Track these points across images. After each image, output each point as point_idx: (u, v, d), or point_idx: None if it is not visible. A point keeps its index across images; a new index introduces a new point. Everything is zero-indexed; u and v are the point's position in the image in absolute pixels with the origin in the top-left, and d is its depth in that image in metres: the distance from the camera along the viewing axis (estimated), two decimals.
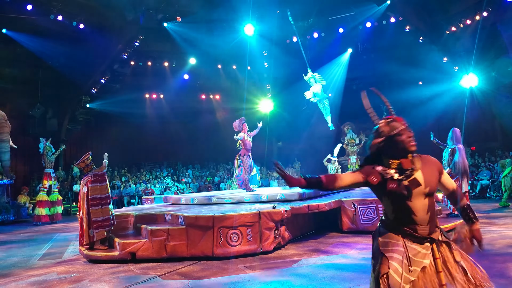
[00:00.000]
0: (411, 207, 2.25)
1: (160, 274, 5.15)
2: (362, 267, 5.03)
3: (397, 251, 2.26)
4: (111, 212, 6.64)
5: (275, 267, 5.25)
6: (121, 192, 17.15)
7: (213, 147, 21.87)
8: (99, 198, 6.50)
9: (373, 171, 2.32)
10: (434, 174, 2.34)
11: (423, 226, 2.26)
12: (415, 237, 2.27)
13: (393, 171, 2.28)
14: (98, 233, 6.39)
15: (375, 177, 2.29)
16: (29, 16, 14.85)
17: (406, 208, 2.25)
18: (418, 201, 2.25)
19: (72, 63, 16.63)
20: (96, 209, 6.44)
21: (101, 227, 6.43)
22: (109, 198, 6.68)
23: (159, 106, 21.86)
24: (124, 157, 19.99)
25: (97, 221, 6.41)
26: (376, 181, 2.28)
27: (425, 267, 2.24)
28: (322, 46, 19.27)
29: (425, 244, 2.27)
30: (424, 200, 2.26)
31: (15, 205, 14.16)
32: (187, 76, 20.65)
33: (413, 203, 2.25)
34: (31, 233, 10.44)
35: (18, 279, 5.26)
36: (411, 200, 2.24)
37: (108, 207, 6.60)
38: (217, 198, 8.52)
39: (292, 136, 21.30)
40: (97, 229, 6.39)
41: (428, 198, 2.27)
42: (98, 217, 6.42)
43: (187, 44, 18.39)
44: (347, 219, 7.77)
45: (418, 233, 2.26)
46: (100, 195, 6.52)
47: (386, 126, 2.38)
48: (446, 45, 17.20)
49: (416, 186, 2.25)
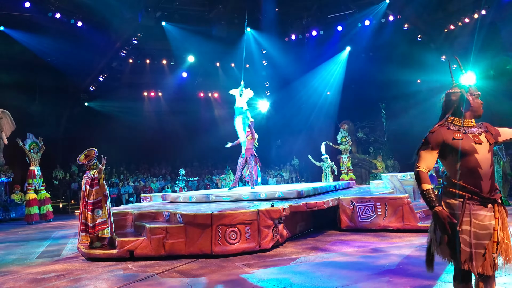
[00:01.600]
0: (478, 160, 2.48)
1: (158, 272, 5.15)
2: (361, 265, 5.05)
3: (466, 222, 2.47)
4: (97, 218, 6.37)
5: (273, 265, 5.26)
6: (120, 190, 17.14)
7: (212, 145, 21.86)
8: (86, 202, 6.43)
9: (448, 131, 2.58)
10: (495, 133, 2.65)
11: (486, 181, 2.48)
12: (480, 197, 2.48)
13: (472, 129, 2.59)
14: (82, 237, 6.35)
15: (457, 133, 2.55)
16: (27, 14, 14.81)
17: (474, 161, 2.48)
18: (483, 155, 2.50)
19: (70, 61, 16.59)
20: (84, 211, 6.41)
21: (85, 231, 6.33)
22: (99, 203, 6.43)
23: (157, 104, 21.86)
24: (123, 155, 19.97)
25: (83, 223, 6.38)
26: (460, 137, 2.53)
27: (494, 229, 2.48)
28: (320, 44, 19.27)
29: (488, 206, 2.50)
30: (488, 154, 2.52)
31: (13, 203, 14.14)
32: (185, 74, 20.64)
33: (480, 156, 2.49)
34: (29, 231, 10.43)
35: (16, 277, 5.25)
36: (479, 153, 2.49)
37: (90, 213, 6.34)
38: (216, 196, 8.52)
39: (291, 134, 21.32)
40: (83, 233, 6.35)
41: (490, 153, 2.55)
42: (84, 220, 6.38)
43: (186, 42, 18.37)
44: (345, 217, 7.78)
45: (483, 192, 2.48)
46: (87, 199, 6.42)
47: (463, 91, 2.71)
48: (445, 44, 17.22)
49: (484, 141, 2.54)
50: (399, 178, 9.92)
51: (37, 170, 12.73)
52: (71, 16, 15.72)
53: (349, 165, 15.11)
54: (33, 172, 12.61)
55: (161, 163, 21.77)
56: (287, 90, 21.06)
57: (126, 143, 20.62)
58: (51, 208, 13.04)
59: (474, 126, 2.63)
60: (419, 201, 9.53)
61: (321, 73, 20.65)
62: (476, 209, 2.47)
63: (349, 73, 19.75)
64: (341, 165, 15.34)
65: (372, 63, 18.67)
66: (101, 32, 16.59)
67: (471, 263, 2.43)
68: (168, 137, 21.68)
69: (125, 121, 20.46)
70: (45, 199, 12.81)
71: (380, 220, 7.51)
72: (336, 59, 19.99)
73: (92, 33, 16.34)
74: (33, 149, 12.55)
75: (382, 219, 7.50)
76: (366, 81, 19.25)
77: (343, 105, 20.27)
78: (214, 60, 20.50)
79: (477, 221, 2.45)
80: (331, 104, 20.84)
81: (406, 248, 5.91)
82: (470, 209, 2.46)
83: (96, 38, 16.66)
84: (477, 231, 2.44)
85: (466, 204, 2.47)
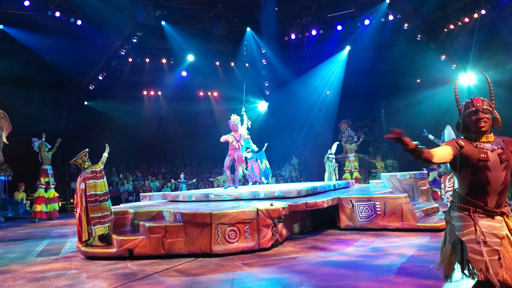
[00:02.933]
0: (489, 177, 2.44)
1: (157, 271, 5.15)
2: (360, 264, 5.05)
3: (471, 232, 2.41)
4: (109, 208, 6.63)
5: (272, 264, 5.26)
6: (119, 189, 17.13)
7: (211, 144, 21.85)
8: (96, 195, 6.50)
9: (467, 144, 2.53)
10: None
11: (493, 197, 2.45)
12: (485, 210, 2.45)
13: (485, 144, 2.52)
14: (96, 230, 6.39)
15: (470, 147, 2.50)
16: (26, 12, 14.77)
17: (484, 178, 2.44)
18: (495, 173, 2.45)
19: (69, 59, 16.56)
20: (94, 206, 6.44)
21: (99, 223, 6.43)
22: (107, 194, 6.67)
23: (157, 103, 21.83)
24: (122, 154, 19.94)
25: (95, 217, 6.41)
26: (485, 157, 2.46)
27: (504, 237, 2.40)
28: (320, 44, 19.26)
29: (496, 218, 2.45)
30: (501, 172, 2.46)
31: (12, 201, 14.14)
32: (185, 73, 20.62)
33: (491, 174, 2.44)
34: (28, 230, 10.42)
35: (15, 275, 5.25)
36: (491, 170, 2.44)
37: (106, 203, 6.59)
38: (215, 195, 8.52)
39: (290, 133, 21.32)
40: (95, 225, 6.39)
41: (505, 171, 2.47)
42: (96, 214, 6.43)
43: (185, 41, 18.36)
44: (344, 216, 7.79)
45: (488, 206, 2.45)
46: (97, 192, 6.52)
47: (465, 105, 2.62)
48: (444, 43, 17.22)
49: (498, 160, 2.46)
50: (399, 178, 9.93)
51: (49, 169, 13.21)
52: (71, 14, 15.68)
53: (356, 164, 15.22)
54: (45, 171, 13.04)
55: (161, 162, 21.76)
56: (286, 90, 21.04)
57: (126, 142, 20.58)
58: (57, 207, 13.29)
59: (489, 142, 2.54)
60: (418, 200, 9.55)
61: (321, 73, 20.65)
62: (483, 220, 2.44)
63: (348, 73, 19.73)
64: (347, 164, 15.41)
65: (372, 62, 18.66)
66: (101, 30, 16.54)
67: (488, 272, 2.28)
68: (167, 136, 21.66)
69: (124, 120, 20.43)
70: (54, 197, 13.18)
71: (379, 220, 7.52)
72: (336, 59, 19.98)
73: (91, 32, 16.30)
74: (43, 149, 13.02)
75: (381, 219, 7.50)
76: (366, 81, 19.25)
77: (342, 105, 20.26)
78: (214, 59, 20.49)
79: (484, 229, 2.40)
80: (330, 104, 20.85)
81: (405, 247, 5.92)
82: (476, 219, 2.43)
83: (95, 37, 16.63)
84: (486, 238, 2.36)
85: (472, 215, 2.46)
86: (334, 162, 13.59)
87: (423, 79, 18.80)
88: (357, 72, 19.00)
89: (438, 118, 17.01)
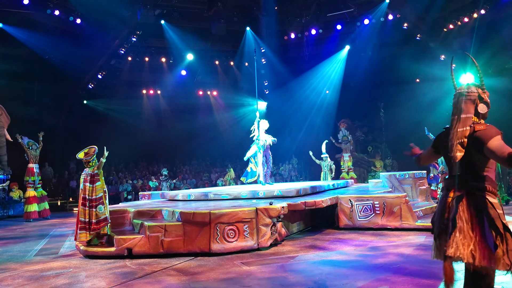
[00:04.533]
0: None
1: (156, 270, 5.15)
2: (359, 264, 5.05)
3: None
4: (101, 214, 6.39)
5: (271, 263, 5.26)
6: (118, 187, 17.13)
7: (210, 143, 21.87)
8: (86, 199, 6.38)
9: None
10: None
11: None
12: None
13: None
14: (80, 235, 6.27)
15: None
16: (25, 11, 14.75)
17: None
18: None
19: (68, 58, 16.54)
20: (82, 209, 6.36)
21: (84, 229, 6.28)
22: (101, 199, 6.44)
23: (156, 102, 21.82)
24: (121, 153, 19.93)
25: (82, 221, 6.30)
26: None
27: None
28: (320, 43, 19.26)
29: None
30: None
31: (11, 200, 14.10)
32: (184, 72, 20.61)
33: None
34: (27, 229, 10.41)
35: (14, 274, 5.25)
36: None
37: (94, 210, 6.34)
38: (214, 194, 8.52)
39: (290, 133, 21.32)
40: (81, 230, 6.27)
41: None
42: (82, 218, 6.32)
43: (185, 40, 18.35)
44: (343, 215, 7.79)
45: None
46: (86, 196, 6.38)
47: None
48: (444, 43, 17.23)
49: None
50: (398, 177, 9.94)
51: (36, 168, 12.73)
52: (70, 13, 15.67)
53: (349, 164, 15.15)
54: (31, 170, 12.59)
55: (160, 161, 21.75)
56: (286, 89, 21.05)
57: (125, 141, 20.56)
58: (47, 205, 12.94)
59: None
60: (417, 200, 9.56)
61: (320, 72, 20.66)
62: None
63: (348, 72, 19.75)
64: (342, 164, 15.38)
65: (371, 62, 18.67)
66: (100, 29, 16.53)
67: None
68: (167, 136, 21.66)
69: (123, 119, 20.43)
70: (42, 197, 12.79)
71: (378, 219, 7.53)
72: (335, 58, 19.99)
73: (90, 31, 16.29)
74: (31, 146, 12.54)
75: (380, 218, 7.51)
76: (365, 80, 19.26)
77: (342, 104, 20.27)
78: (213, 58, 20.48)
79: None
80: (330, 103, 20.86)
81: (404, 247, 5.92)
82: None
83: (94, 36, 16.62)
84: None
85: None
86: (328, 161, 13.54)
87: (422, 79, 18.80)
88: (356, 72, 19.01)
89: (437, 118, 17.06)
